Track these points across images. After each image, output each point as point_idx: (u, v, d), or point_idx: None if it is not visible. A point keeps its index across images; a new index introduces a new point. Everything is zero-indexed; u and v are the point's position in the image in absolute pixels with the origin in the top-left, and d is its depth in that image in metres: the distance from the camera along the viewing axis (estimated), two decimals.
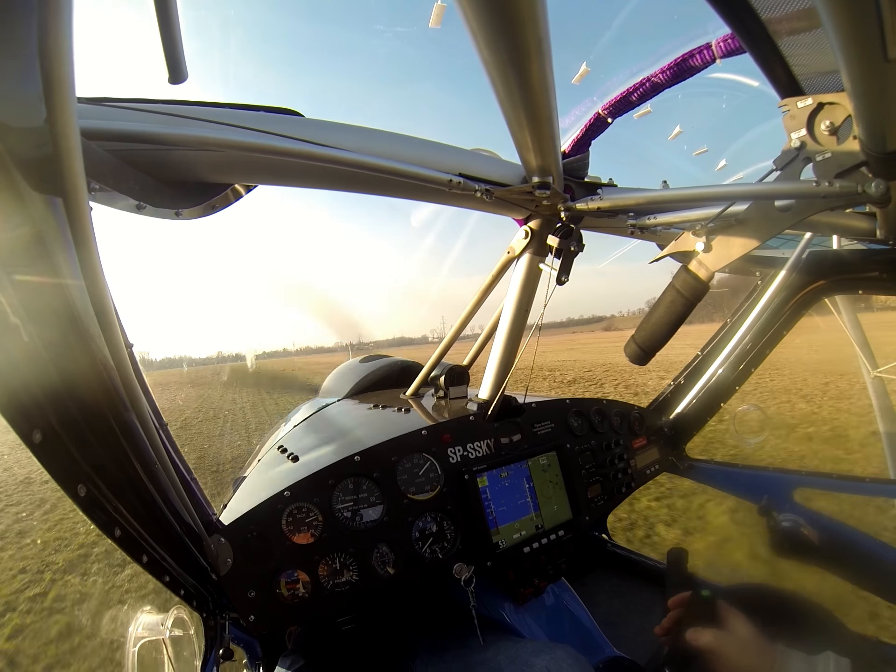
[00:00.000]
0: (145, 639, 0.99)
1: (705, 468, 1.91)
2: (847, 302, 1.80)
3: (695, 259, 0.91)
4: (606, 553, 2.06)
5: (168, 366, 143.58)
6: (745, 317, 1.81)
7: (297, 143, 0.81)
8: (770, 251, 1.68)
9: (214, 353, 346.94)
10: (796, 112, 0.75)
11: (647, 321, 0.98)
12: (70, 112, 0.41)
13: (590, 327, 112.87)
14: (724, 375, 1.84)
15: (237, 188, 0.96)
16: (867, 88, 0.57)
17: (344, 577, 1.05)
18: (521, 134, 0.76)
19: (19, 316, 0.44)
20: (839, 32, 0.49)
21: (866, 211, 1.03)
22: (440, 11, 0.84)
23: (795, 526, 1.63)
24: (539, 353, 1.23)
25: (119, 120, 0.73)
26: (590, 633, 1.39)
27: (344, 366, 2.24)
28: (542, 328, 1.27)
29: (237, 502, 1.09)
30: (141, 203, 0.77)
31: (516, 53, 0.57)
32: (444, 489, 1.23)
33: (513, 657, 1.00)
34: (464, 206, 1.10)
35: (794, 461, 4.70)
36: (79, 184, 0.45)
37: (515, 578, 1.27)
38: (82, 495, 0.59)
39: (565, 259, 1.15)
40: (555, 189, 0.94)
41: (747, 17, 0.68)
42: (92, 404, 0.57)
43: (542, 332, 1.27)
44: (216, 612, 0.95)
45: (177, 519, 0.81)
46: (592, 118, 1.06)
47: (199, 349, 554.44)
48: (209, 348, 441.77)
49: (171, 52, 0.63)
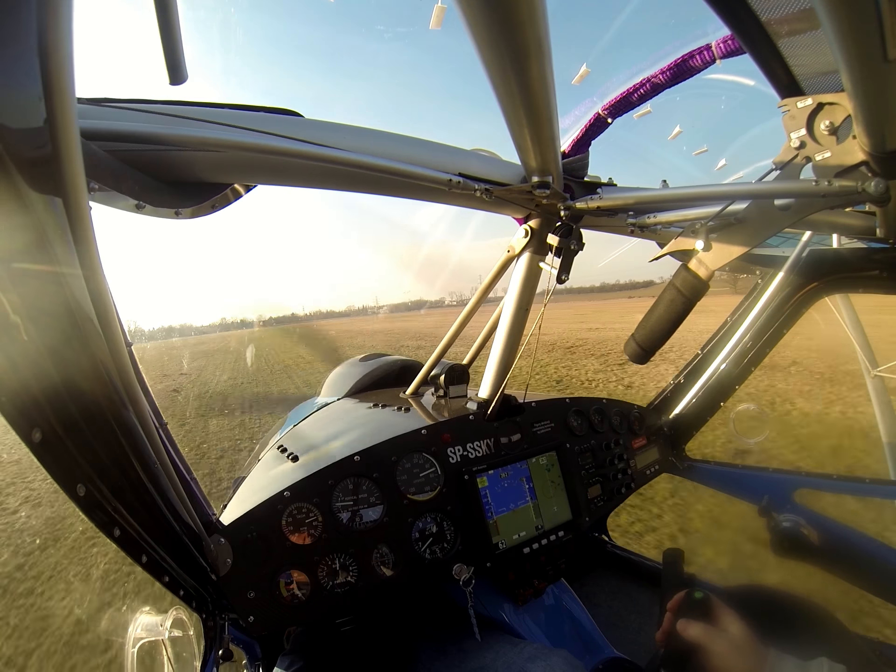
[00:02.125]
0: (144, 640, 0.99)
1: (705, 468, 1.91)
2: (847, 301, 1.80)
3: (694, 258, 0.91)
4: (606, 554, 2.06)
5: (165, 336, 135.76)
6: (745, 315, 1.81)
7: (297, 144, 0.81)
8: (770, 250, 1.68)
9: (217, 319, 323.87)
10: (796, 112, 0.75)
11: (647, 320, 0.98)
12: (70, 112, 0.41)
13: (648, 291, 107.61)
14: (725, 375, 1.84)
15: (237, 188, 0.96)
16: (867, 88, 0.57)
17: (343, 578, 1.05)
18: (520, 134, 0.76)
19: (19, 315, 0.44)
20: (839, 33, 0.49)
21: (866, 210, 1.03)
22: (440, 13, 0.84)
23: (795, 526, 1.63)
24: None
25: (119, 120, 0.73)
26: (589, 634, 1.39)
27: (344, 365, 2.24)
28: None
29: (237, 502, 1.09)
30: (140, 203, 0.77)
31: (516, 54, 0.57)
32: (443, 489, 1.22)
33: (509, 662, 1.00)
34: (464, 205, 1.10)
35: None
36: (79, 184, 0.45)
37: (515, 579, 1.27)
38: (82, 495, 0.59)
39: (565, 258, 1.15)
40: (554, 188, 0.94)
41: (747, 18, 0.68)
42: (92, 404, 0.57)
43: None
44: (215, 613, 0.95)
45: (176, 519, 0.81)
46: (592, 118, 1.06)
47: (199, 316, 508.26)
48: (211, 315, 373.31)
49: (171, 53, 0.63)
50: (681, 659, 0.78)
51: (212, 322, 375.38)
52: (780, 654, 0.73)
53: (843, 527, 1.62)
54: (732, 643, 0.74)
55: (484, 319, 1.62)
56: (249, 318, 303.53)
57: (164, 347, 42.12)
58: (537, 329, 1.27)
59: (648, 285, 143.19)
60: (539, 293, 1.35)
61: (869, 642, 1.39)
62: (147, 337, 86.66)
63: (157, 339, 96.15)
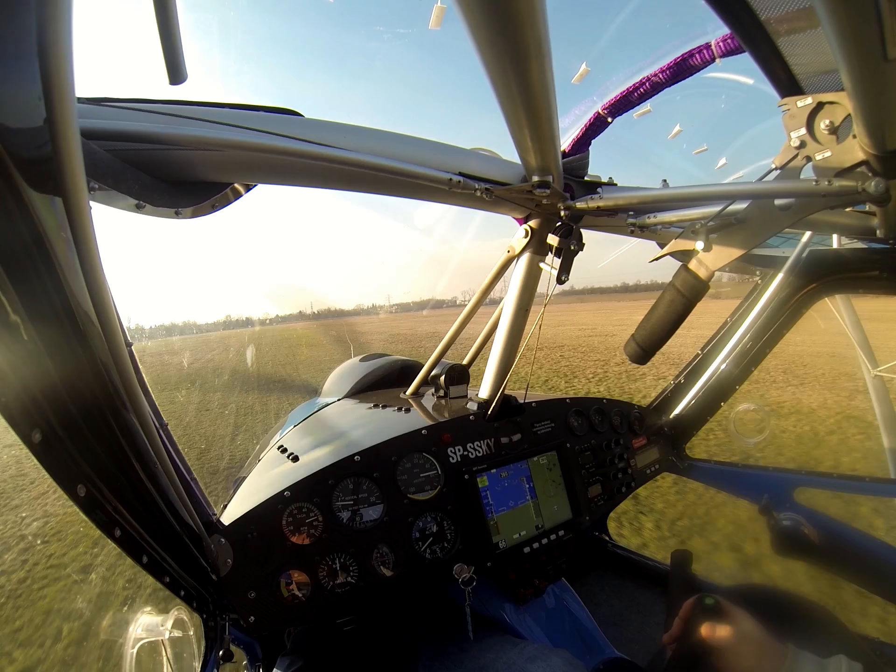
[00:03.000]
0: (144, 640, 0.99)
1: (705, 468, 1.91)
2: (847, 301, 1.80)
3: (694, 258, 0.91)
4: (607, 553, 2.06)
5: (165, 335, 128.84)
6: (745, 316, 1.81)
7: (297, 143, 0.81)
8: (770, 250, 1.68)
9: (222, 317, 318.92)
10: (796, 111, 0.75)
11: (648, 320, 0.98)
12: (70, 112, 0.41)
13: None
14: (725, 374, 1.85)
15: (237, 187, 0.96)
16: (867, 88, 0.57)
17: (344, 578, 1.05)
18: (520, 133, 0.76)
19: (19, 315, 0.44)
20: (838, 32, 0.49)
21: (866, 210, 1.03)
22: (440, 13, 0.84)
23: (796, 525, 1.63)
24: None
25: (119, 120, 0.73)
26: (590, 634, 1.39)
27: (344, 365, 2.24)
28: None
29: (237, 502, 1.09)
30: (141, 202, 0.77)
31: (516, 54, 0.57)
32: (444, 489, 1.22)
33: (510, 663, 1.00)
34: (464, 205, 1.10)
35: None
36: (79, 183, 0.45)
37: (516, 579, 1.27)
38: (82, 495, 0.59)
39: (565, 258, 1.15)
40: (555, 188, 0.94)
41: (746, 16, 0.68)
42: (92, 404, 0.57)
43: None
44: (216, 613, 0.95)
45: (177, 519, 0.81)
46: (592, 117, 1.06)
47: (203, 314, 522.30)
48: (216, 313, 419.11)
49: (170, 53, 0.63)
50: (689, 663, 0.77)
51: (217, 320, 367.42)
52: (797, 651, 0.72)
53: (843, 525, 1.62)
54: (751, 642, 0.73)
55: (484, 320, 1.62)
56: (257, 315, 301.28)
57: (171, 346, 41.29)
58: (537, 329, 1.27)
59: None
60: (539, 294, 1.35)
61: (869, 642, 1.39)
62: (147, 336, 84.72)
63: (157, 336, 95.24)
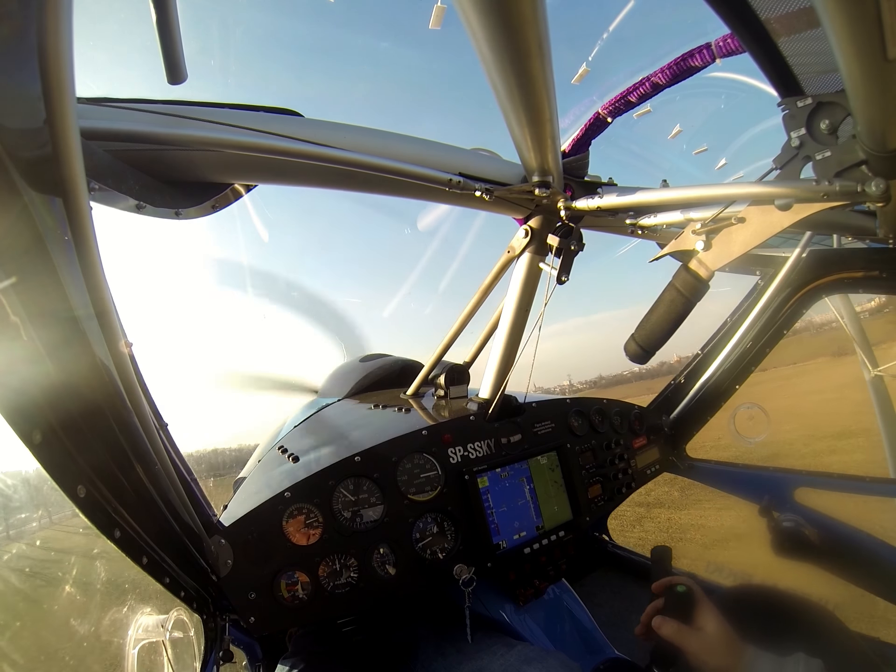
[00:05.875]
0: (145, 641, 0.99)
1: (706, 468, 1.91)
2: (847, 301, 1.80)
3: (695, 258, 0.91)
4: (607, 554, 2.06)
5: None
6: (745, 316, 1.81)
7: (297, 143, 0.81)
8: (770, 250, 1.68)
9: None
10: (796, 111, 0.75)
11: (648, 320, 0.98)
12: (70, 112, 0.41)
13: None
14: (725, 374, 1.84)
15: (237, 188, 0.96)
16: (867, 88, 0.57)
17: (344, 579, 1.05)
18: (521, 134, 0.76)
19: (19, 315, 0.44)
20: (839, 32, 0.49)
21: (866, 210, 1.03)
22: (440, 13, 0.84)
23: (796, 525, 1.63)
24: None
25: (119, 120, 0.73)
26: (590, 634, 1.38)
27: (344, 365, 2.24)
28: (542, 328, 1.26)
29: (237, 503, 1.09)
30: (141, 203, 0.77)
31: (516, 54, 0.57)
32: (444, 490, 1.22)
33: (506, 665, 1.00)
34: (464, 205, 1.10)
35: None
36: (79, 184, 0.45)
37: (516, 579, 1.27)
38: (82, 496, 0.59)
39: (565, 258, 1.15)
40: (555, 188, 0.94)
41: (746, 17, 0.68)
42: (92, 404, 0.57)
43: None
44: (216, 614, 0.95)
45: (177, 520, 0.81)
46: (592, 118, 1.06)
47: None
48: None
49: (170, 53, 0.63)
50: (670, 655, 0.78)
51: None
52: (757, 650, 0.73)
53: (843, 526, 1.62)
54: (706, 640, 0.75)
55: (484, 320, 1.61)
56: None
57: None
58: (537, 329, 1.27)
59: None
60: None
61: (869, 642, 1.38)
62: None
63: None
